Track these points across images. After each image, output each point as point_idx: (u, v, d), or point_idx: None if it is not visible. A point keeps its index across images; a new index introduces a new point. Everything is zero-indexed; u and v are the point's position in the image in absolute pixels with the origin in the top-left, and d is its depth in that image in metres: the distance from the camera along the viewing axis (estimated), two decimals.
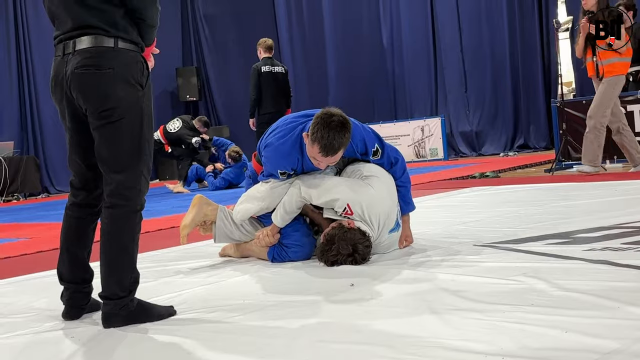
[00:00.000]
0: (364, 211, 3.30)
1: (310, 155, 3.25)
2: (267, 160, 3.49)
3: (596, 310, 2.13)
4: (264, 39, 8.83)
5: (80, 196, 2.61)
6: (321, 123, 3.13)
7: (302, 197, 3.36)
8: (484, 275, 2.73)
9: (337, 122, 3.13)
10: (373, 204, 3.33)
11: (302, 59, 15.23)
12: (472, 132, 13.12)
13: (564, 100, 7.88)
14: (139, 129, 2.43)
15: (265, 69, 8.48)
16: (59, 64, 2.44)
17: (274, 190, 3.45)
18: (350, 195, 3.30)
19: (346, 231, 3.21)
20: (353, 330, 2.17)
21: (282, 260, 3.47)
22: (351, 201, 3.28)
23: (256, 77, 8.43)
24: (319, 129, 3.12)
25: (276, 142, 3.42)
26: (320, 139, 3.11)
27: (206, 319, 2.48)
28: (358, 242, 3.19)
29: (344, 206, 3.30)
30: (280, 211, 3.42)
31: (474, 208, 4.94)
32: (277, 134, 3.47)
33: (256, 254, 3.62)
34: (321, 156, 3.17)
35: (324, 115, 3.17)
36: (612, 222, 3.73)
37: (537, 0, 12.32)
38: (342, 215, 3.33)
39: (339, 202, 3.30)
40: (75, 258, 2.63)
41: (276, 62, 8.71)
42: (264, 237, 3.47)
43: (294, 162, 3.40)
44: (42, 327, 2.57)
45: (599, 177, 6.48)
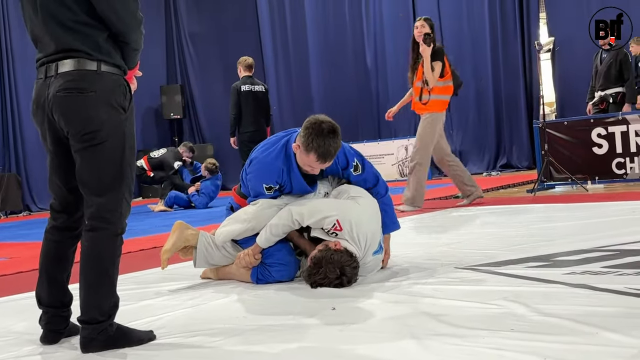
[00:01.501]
0: (353, 228, 3.31)
1: (305, 164, 3.30)
2: (252, 176, 3.51)
3: (574, 335, 2.15)
4: (244, 58, 8.86)
5: (60, 219, 2.59)
6: (313, 132, 3.17)
7: (294, 220, 3.36)
8: (465, 299, 2.74)
9: (328, 129, 3.19)
10: (361, 222, 3.36)
11: (286, 78, 15.27)
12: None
13: (546, 121, 7.96)
14: (121, 152, 2.42)
15: (245, 87, 8.52)
16: (41, 87, 2.44)
17: (262, 212, 3.45)
18: (340, 212, 3.32)
19: (333, 253, 3.21)
20: (335, 355, 2.17)
21: (266, 280, 3.46)
22: (341, 218, 3.30)
23: (236, 96, 8.48)
24: (313, 138, 3.17)
25: (260, 155, 3.48)
26: (317, 147, 3.17)
27: (186, 344, 2.46)
28: (345, 264, 3.19)
29: (334, 222, 3.31)
30: (266, 233, 3.41)
31: (456, 229, 4.97)
32: (261, 148, 3.53)
33: (237, 276, 3.61)
34: (318, 164, 3.24)
35: (314, 123, 3.21)
36: (592, 244, 3.77)
37: (519, 22, 12.46)
38: (331, 232, 3.33)
39: (329, 219, 3.31)
40: (54, 281, 2.60)
41: (256, 80, 8.75)
42: (245, 256, 3.46)
43: (279, 174, 3.42)
44: (20, 352, 2.54)
45: (581, 199, 6.54)
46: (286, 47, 15.22)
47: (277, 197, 3.53)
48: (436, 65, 6.37)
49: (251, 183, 3.54)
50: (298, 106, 14.84)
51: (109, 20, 2.38)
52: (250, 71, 8.68)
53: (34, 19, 2.43)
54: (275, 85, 15.11)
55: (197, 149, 14.23)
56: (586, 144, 7.70)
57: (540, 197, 7.22)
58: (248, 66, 8.68)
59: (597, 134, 7.65)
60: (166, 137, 15.97)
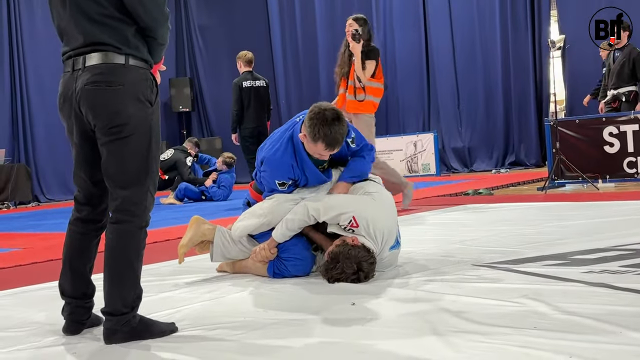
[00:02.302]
0: (369, 225, 3.33)
1: (314, 152, 3.35)
2: (265, 175, 3.56)
3: (598, 335, 2.15)
4: (243, 53, 8.86)
5: (84, 211, 2.61)
6: (318, 121, 3.21)
7: (310, 216, 3.38)
8: (485, 297, 2.74)
9: (332, 116, 3.23)
10: (378, 218, 3.38)
11: (295, 72, 15.27)
12: (464, 148, 13.19)
13: (558, 119, 7.95)
14: (147, 146, 2.44)
15: (246, 84, 8.54)
16: (68, 80, 2.45)
17: (278, 207, 3.47)
18: (356, 208, 3.34)
19: (350, 249, 3.23)
20: (357, 351, 2.18)
21: (282, 274, 3.48)
22: (357, 214, 3.32)
23: (237, 92, 8.50)
24: (318, 127, 3.21)
25: (268, 154, 3.51)
26: (324, 136, 3.22)
27: (208, 337, 2.48)
28: (362, 259, 3.21)
29: (350, 219, 3.32)
30: (281, 228, 3.43)
31: (469, 226, 4.97)
32: (267, 147, 3.56)
33: (253, 270, 3.63)
34: (327, 151, 3.30)
35: (317, 112, 3.24)
36: (608, 243, 3.77)
37: (530, 19, 12.44)
38: (347, 229, 3.35)
39: (345, 215, 3.33)
40: (77, 273, 2.62)
41: (257, 75, 8.75)
42: (261, 250, 3.48)
43: (289, 170, 3.47)
44: (43, 342, 2.56)
45: (592, 197, 6.54)
46: (295, 41, 15.21)
47: (292, 192, 3.56)
48: (369, 64, 6.16)
49: (265, 181, 3.59)
50: (306, 100, 14.82)
51: (136, 14, 2.39)
52: (250, 66, 8.71)
53: (62, 12, 2.44)
54: (284, 79, 15.13)
55: (205, 142, 14.29)
56: (598, 143, 7.67)
57: (551, 195, 7.22)
58: (248, 61, 8.70)
59: (609, 132, 7.63)
60: (175, 130, 15.99)
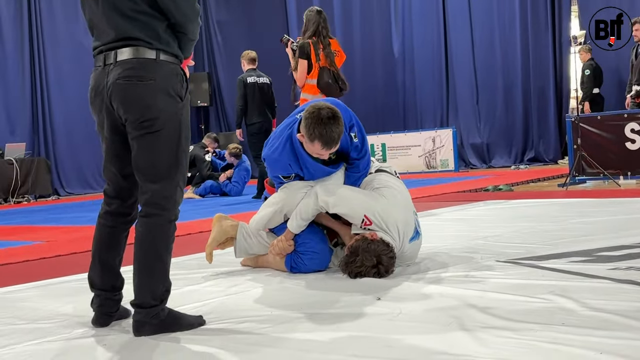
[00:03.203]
0: (381, 221, 3.34)
1: (312, 152, 3.35)
2: (269, 171, 3.65)
3: (628, 331, 2.15)
4: (247, 51, 9.05)
5: (113, 205, 2.63)
6: (313, 120, 3.21)
7: (319, 206, 3.41)
8: (511, 293, 2.74)
9: (327, 115, 3.21)
10: (388, 211, 3.38)
11: None
12: (482, 144, 13.14)
13: (579, 115, 7.90)
14: (177, 141, 2.46)
15: (251, 80, 8.67)
16: (100, 75, 2.47)
17: (290, 195, 3.50)
18: (366, 205, 3.36)
19: (370, 243, 3.24)
20: (385, 345, 2.19)
21: (299, 269, 3.49)
22: (367, 211, 3.33)
23: (242, 88, 8.63)
24: (314, 127, 3.21)
25: (267, 153, 3.55)
26: (320, 136, 3.21)
27: (237, 330, 2.50)
28: (382, 253, 3.22)
29: (362, 218, 3.34)
30: (296, 219, 3.45)
31: (491, 222, 4.95)
32: (267, 145, 3.60)
33: (272, 265, 3.65)
34: (324, 150, 3.28)
35: (312, 112, 3.24)
36: (633, 240, 3.75)
37: (551, 14, 12.35)
38: (363, 227, 3.36)
39: (357, 216, 3.35)
40: (106, 265, 2.65)
41: (260, 73, 8.88)
42: (278, 242, 3.50)
43: (286, 168, 3.49)
44: (72, 334, 2.59)
45: (613, 194, 6.50)
46: None
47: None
48: (299, 65, 6.06)
49: (270, 176, 3.67)
50: None
51: (168, 10, 2.41)
52: (254, 64, 8.88)
53: (94, 7, 2.46)
54: None
55: (223, 137, 14.33)
56: (619, 139, 7.63)
57: (572, 191, 7.18)
58: (251, 59, 8.87)
59: (631, 129, 7.59)
60: (193, 125, 16.03)
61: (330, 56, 6.07)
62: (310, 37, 6.07)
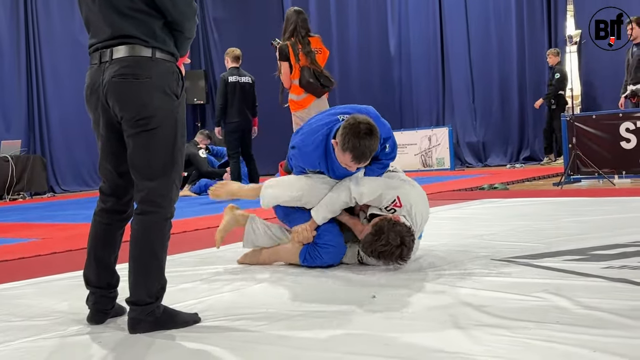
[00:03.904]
0: (412, 207, 3.41)
1: (341, 161, 3.35)
2: (294, 161, 3.63)
3: (621, 330, 2.16)
4: (231, 49, 9.06)
5: (109, 202, 2.63)
6: (350, 132, 3.21)
7: (352, 198, 3.44)
8: (506, 291, 2.75)
9: (365, 130, 3.21)
10: (418, 202, 3.48)
11: None
12: (478, 142, 13.17)
13: (574, 114, 7.92)
14: (173, 139, 2.46)
15: (232, 79, 8.69)
16: (95, 72, 2.47)
17: (315, 187, 3.51)
18: (400, 190, 3.44)
19: (395, 224, 3.28)
20: (381, 343, 2.19)
21: (313, 261, 3.50)
22: (401, 195, 3.40)
23: (223, 87, 8.67)
24: (349, 138, 3.21)
25: (300, 144, 3.54)
26: (352, 149, 3.21)
27: (232, 327, 2.50)
28: (405, 235, 3.25)
29: (394, 198, 3.40)
30: (324, 210, 3.47)
31: (486, 221, 4.97)
32: (301, 135, 3.59)
33: (282, 257, 3.66)
34: (354, 163, 3.29)
35: (351, 123, 3.25)
36: (627, 239, 3.76)
37: (547, 13, 12.38)
38: (389, 208, 3.41)
39: (390, 195, 3.40)
40: (102, 263, 2.65)
41: (243, 72, 8.89)
42: (303, 231, 3.50)
43: (314, 164, 3.51)
44: (67, 331, 2.59)
45: (608, 193, 6.52)
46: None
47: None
48: (282, 67, 6.21)
49: (293, 163, 3.66)
50: None
51: (165, 8, 2.42)
52: (238, 62, 8.88)
53: (90, 5, 2.47)
54: None
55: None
56: (614, 138, 7.65)
57: (567, 190, 7.21)
58: (235, 57, 8.87)
59: (626, 128, 7.61)
60: (189, 123, 16.03)
61: (311, 55, 6.18)
62: (289, 38, 6.19)
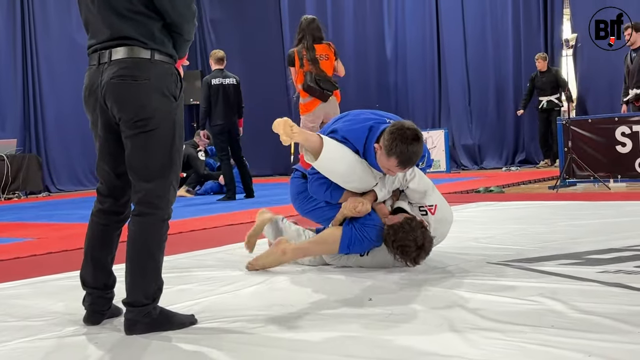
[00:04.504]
0: (441, 222, 3.47)
1: (384, 166, 3.32)
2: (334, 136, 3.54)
3: (616, 334, 2.17)
4: (215, 51, 9.14)
5: (106, 203, 2.64)
6: (397, 137, 3.20)
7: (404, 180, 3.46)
8: (501, 295, 2.77)
9: (412, 136, 3.22)
10: (446, 221, 3.55)
11: None
12: (474, 145, 13.18)
13: (570, 118, 7.94)
14: (171, 140, 2.47)
15: (215, 81, 8.70)
16: (94, 74, 2.48)
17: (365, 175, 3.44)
18: (442, 202, 3.51)
19: (424, 228, 3.34)
20: (376, 346, 2.20)
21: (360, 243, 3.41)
22: (441, 205, 3.46)
23: (206, 90, 8.69)
24: (396, 143, 3.19)
25: (345, 128, 3.51)
26: (400, 154, 3.20)
27: (228, 329, 2.50)
28: (428, 241, 3.32)
29: (433, 204, 3.44)
30: (383, 188, 3.47)
31: (482, 224, 4.98)
32: (347, 122, 3.57)
33: (314, 250, 3.56)
34: (398, 169, 3.29)
35: (399, 128, 3.25)
36: (623, 243, 3.78)
37: (543, 17, 12.40)
38: (423, 209, 3.45)
39: (433, 198, 3.45)
40: (99, 264, 2.65)
41: (228, 73, 8.89)
42: (359, 203, 3.41)
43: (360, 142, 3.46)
44: (64, 332, 2.59)
45: (603, 197, 6.54)
46: None
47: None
48: (291, 73, 6.63)
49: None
50: None
51: (164, 11, 2.42)
52: (221, 64, 8.90)
53: (90, 6, 2.47)
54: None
55: None
56: (610, 142, 7.67)
57: (563, 194, 7.22)
58: (218, 59, 8.91)
59: (622, 132, 7.62)
60: (185, 123, 16.00)
61: (315, 61, 6.41)
62: (296, 45, 6.65)
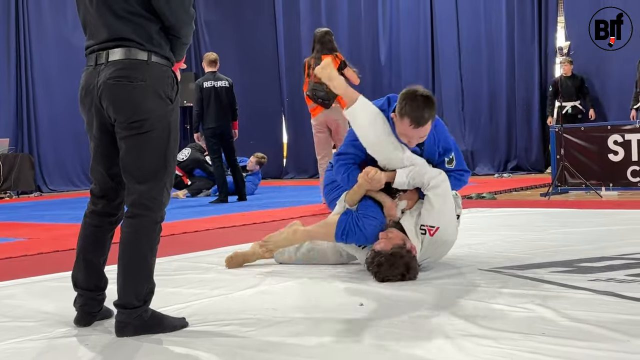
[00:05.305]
0: (434, 245, 3.44)
1: (401, 132, 3.37)
2: None
3: (606, 342, 2.18)
4: (207, 54, 9.13)
5: (100, 204, 2.63)
6: (407, 98, 3.30)
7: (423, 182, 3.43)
8: (492, 301, 2.77)
9: (422, 96, 3.30)
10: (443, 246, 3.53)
11: (300, 68, 15.22)
12: (467, 151, 13.19)
13: (563, 125, 7.98)
14: (166, 142, 2.47)
15: (207, 84, 8.69)
16: (90, 74, 2.48)
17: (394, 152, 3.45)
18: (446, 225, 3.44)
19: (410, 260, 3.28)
20: (367, 352, 2.21)
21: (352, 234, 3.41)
22: (443, 229, 3.41)
23: (198, 93, 8.70)
24: (406, 103, 3.29)
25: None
26: (410, 112, 3.26)
27: (220, 333, 2.50)
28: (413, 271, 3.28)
29: (434, 226, 3.40)
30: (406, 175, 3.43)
31: (474, 230, 4.98)
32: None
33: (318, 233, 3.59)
34: (412, 129, 3.30)
35: (409, 90, 3.35)
36: (614, 252, 3.80)
37: (537, 24, 12.44)
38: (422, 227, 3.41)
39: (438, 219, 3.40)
40: (91, 265, 2.64)
41: (220, 76, 8.89)
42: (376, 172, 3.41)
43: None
44: (54, 333, 2.59)
45: (595, 205, 6.57)
46: (300, 38, 15.20)
47: None
48: None
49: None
50: None
51: (162, 13, 2.43)
52: (214, 67, 8.90)
53: (88, 7, 2.47)
54: (290, 77, 15.12)
55: None
56: (602, 150, 7.71)
57: (555, 201, 7.25)
58: (211, 62, 8.90)
59: (614, 141, 7.66)
60: (179, 125, 15.96)
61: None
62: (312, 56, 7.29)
